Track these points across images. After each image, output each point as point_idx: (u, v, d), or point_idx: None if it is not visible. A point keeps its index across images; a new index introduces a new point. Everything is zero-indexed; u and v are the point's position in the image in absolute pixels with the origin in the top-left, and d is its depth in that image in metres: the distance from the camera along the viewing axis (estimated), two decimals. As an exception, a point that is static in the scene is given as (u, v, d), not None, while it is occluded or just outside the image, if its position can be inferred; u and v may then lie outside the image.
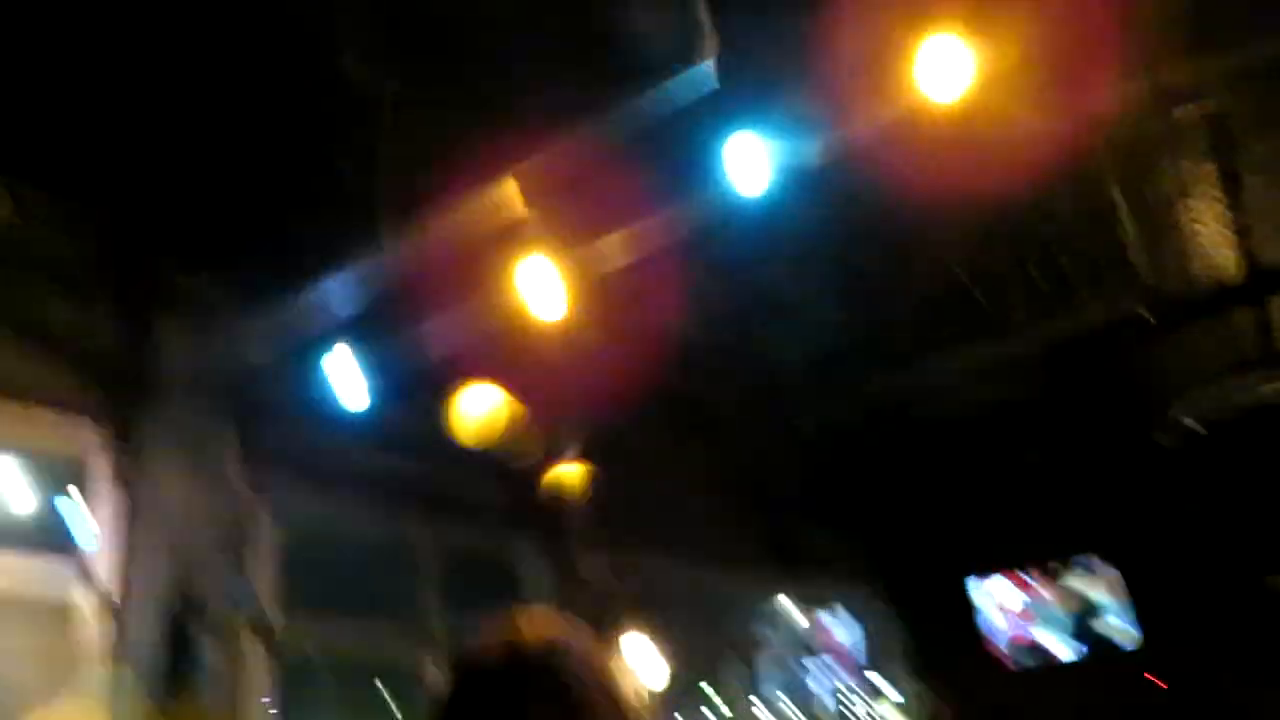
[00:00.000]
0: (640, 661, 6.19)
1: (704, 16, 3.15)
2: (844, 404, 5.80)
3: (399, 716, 5.51)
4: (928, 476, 7.86)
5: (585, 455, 6.19)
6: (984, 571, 9.24)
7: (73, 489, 4.37)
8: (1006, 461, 7.64)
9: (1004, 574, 9.14)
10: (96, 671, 3.96)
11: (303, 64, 3.56)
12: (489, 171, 3.48)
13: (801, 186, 3.69)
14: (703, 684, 7.41)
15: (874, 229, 4.51)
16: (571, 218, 3.86)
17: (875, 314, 5.32)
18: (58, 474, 4.43)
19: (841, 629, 9.40)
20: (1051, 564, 8.93)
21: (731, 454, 6.64)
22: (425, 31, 3.45)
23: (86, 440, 4.25)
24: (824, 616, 9.35)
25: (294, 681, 5.18)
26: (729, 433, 6.34)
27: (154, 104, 3.68)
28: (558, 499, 5.88)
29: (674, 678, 6.54)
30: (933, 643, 9.09)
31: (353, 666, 7.44)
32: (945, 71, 3.26)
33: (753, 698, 8.03)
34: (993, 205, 4.21)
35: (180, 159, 3.93)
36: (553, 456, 5.98)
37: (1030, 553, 8.95)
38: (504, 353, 4.84)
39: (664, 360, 5.12)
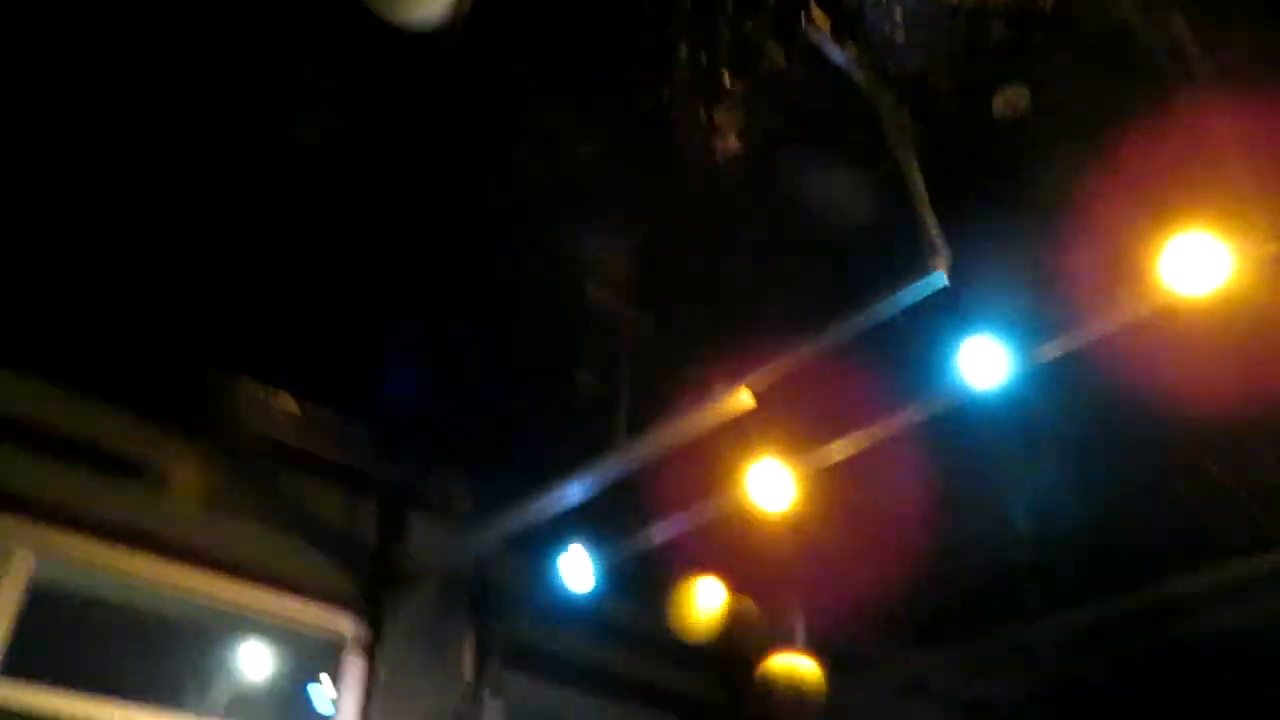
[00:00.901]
0: None
1: (935, 226, 3.23)
2: (1081, 614, 5.33)
3: None
4: (1192, 702, 6.97)
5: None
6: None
7: (322, 667, 4.67)
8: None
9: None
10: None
11: (550, 286, 3.93)
12: (723, 378, 3.62)
13: (1040, 385, 3.59)
14: None
15: (1120, 430, 4.27)
16: (802, 420, 3.92)
17: (1121, 521, 4.95)
18: (311, 653, 4.75)
19: None
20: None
21: (965, 668, 6.20)
22: (670, 265, 3.75)
23: (340, 624, 4.56)
24: None
25: None
26: (958, 645, 5.94)
27: (418, 331, 4.18)
28: (772, 693, 5.63)
29: None
30: None
31: None
32: (1196, 268, 3.15)
33: None
34: (1255, 405, 3.91)
35: (438, 376, 4.41)
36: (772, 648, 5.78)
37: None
38: (729, 549, 4.85)
39: (891, 558, 4.94)
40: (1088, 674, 6.33)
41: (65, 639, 4.74)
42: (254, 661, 5.25)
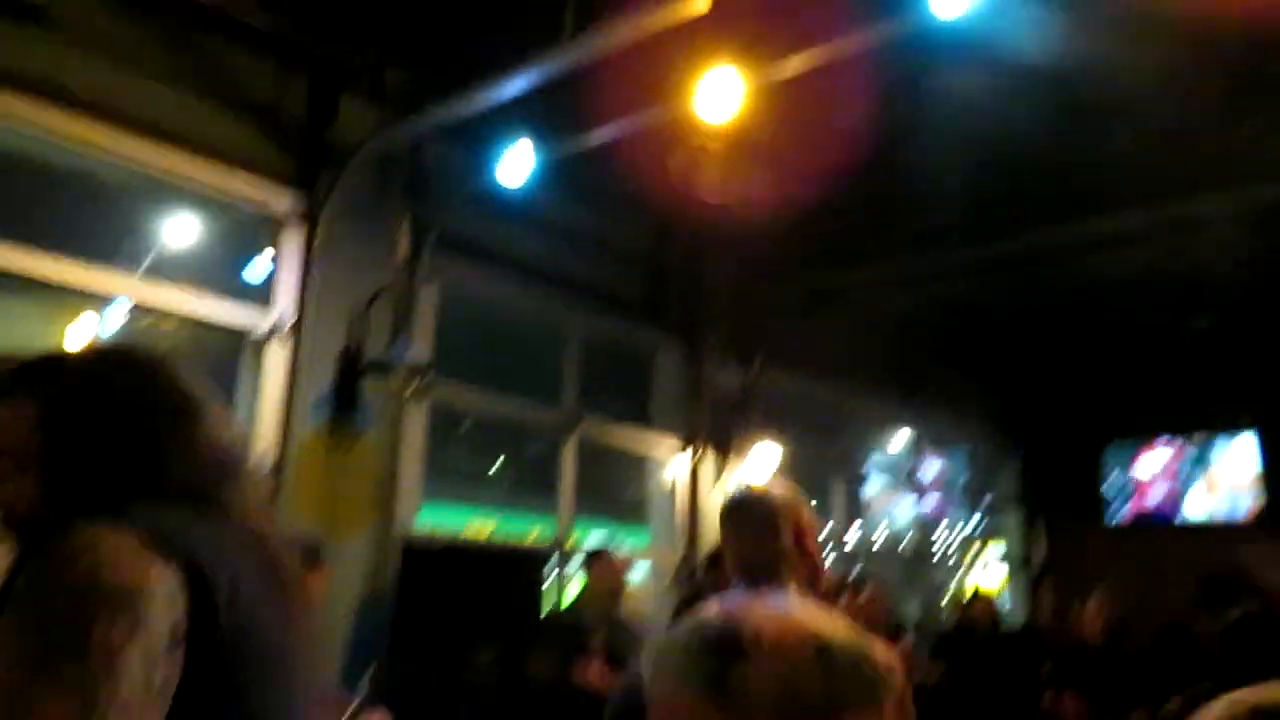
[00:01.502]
0: (762, 467, 6.42)
1: None
2: (999, 250, 5.61)
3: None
4: (1079, 334, 7.61)
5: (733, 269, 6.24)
6: (1120, 435, 9.09)
7: (262, 241, 4.75)
8: (1165, 327, 7.32)
9: (1142, 441, 9.01)
10: (276, 399, 4.43)
11: None
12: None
13: (1002, 15, 3.45)
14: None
15: (1064, 79, 4.19)
16: (757, 30, 3.74)
17: (1043, 169, 5.03)
18: (250, 226, 4.80)
19: (950, 469, 9.45)
20: (1194, 435, 8.76)
21: (876, 283, 6.58)
22: None
23: (277, 200, 4.56)
24: (936, 454, 9.36)
25: (439, 430, 5.86)
26: (876, 263, 6.24)
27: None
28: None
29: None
30: (1050, 496, 9.11)
31: (490, 427, 8.06)
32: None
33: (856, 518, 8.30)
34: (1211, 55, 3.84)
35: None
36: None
37: (1174, 423, 8.74)
38: (669, 154, 4.85)
39: (820, 178, 4.99)
40: (990, 299, 6.76)
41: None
42: (187, 230, 5.28)
